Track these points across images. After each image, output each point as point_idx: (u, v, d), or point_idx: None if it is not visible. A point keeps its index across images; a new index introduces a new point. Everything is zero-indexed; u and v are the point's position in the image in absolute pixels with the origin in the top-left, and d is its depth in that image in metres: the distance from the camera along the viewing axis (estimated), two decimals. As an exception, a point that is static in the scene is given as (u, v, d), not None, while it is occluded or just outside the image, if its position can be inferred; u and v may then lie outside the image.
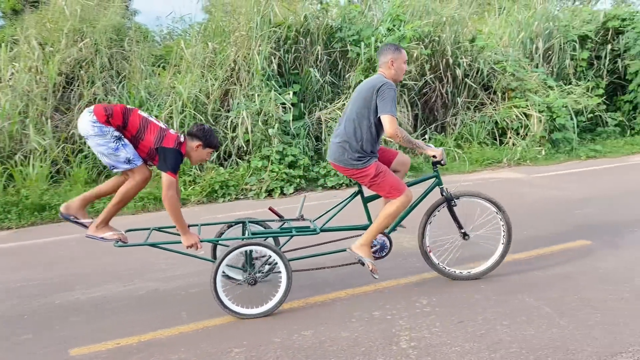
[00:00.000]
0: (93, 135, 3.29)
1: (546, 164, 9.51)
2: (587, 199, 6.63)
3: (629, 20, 11.24)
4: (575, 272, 4.06)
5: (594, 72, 11.61)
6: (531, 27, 11.34)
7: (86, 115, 3.31)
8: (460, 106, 10.24)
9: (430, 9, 10.32)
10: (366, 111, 3.54)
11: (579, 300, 3.53)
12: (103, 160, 3.41)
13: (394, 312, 3.44)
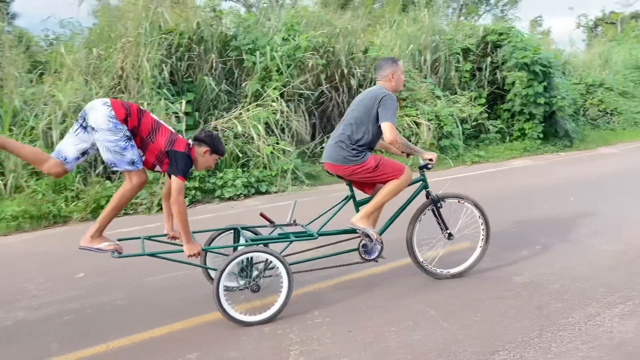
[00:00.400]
0: (105, 130, 3.16)
1: (436, 169, 10.00)
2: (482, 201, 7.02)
3: (505, 35, 12.22)
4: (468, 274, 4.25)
5: (477, 82, 12.47)
6: (419, 39, 11.94)
7: (103, 108, 3.18)
8: (355, 115, 10.49)
9: (324, 20, 10.52)
10: (365, 119, 3.69)
11: (461, 302, 3.68)
12: (105, 155, 3.23)
13: (285, 327, 3.37)
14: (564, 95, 12.32)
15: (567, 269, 4.24)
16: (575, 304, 3.55)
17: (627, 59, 18.33)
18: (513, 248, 4.88)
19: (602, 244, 4.87)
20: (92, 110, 3.22)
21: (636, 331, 3.11)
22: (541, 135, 11.88)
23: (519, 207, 6.62)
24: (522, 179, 8.84)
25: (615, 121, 15.26)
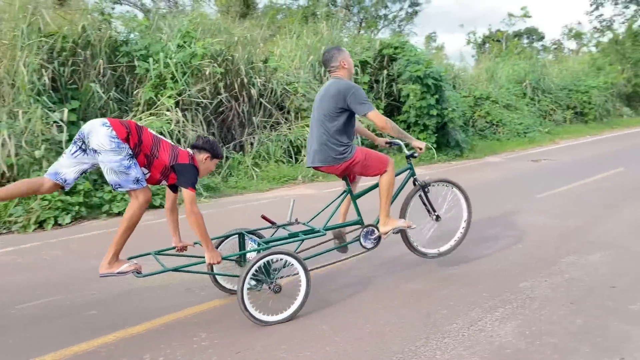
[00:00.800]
0: (109, 150, 3.13)
1: (336, 179, 10.10)
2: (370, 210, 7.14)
3: (400, 49, 12.70)
4: (349, 284, 4.25)
5: (375, 94, 12.83)
6: (319, 51, 12.07)
7: (103, 129, 3.15)
8: (256, 125, 10.36)
9: (222, 27, 10.29)
10: (334, 112, 3.78)
11: (353, 314, 3.66)
12: (110, 177, 3.19)
13: (167, 352, 3.14)
14: (454, 108, 13.04)
15: (455, 275, 4.39)
16: (460, 309, 3.65)
17: (510, 74, 19.85)
18: (403, 255, 4.98)
19: (486, 249, 5.12)
20: (92, 132, 3.16)
21: (514, 334, 3.25)
22: (434, 145, 12.46)
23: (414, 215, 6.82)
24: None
25: (501, 132, 16.42)
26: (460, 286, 4.12)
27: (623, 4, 35.48)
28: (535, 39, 46.60)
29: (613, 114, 23.22)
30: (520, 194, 8.07)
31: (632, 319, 3.38)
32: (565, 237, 5.46)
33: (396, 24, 36.84)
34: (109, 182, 3.22)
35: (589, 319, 3.42)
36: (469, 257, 4.85)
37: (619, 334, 3.18)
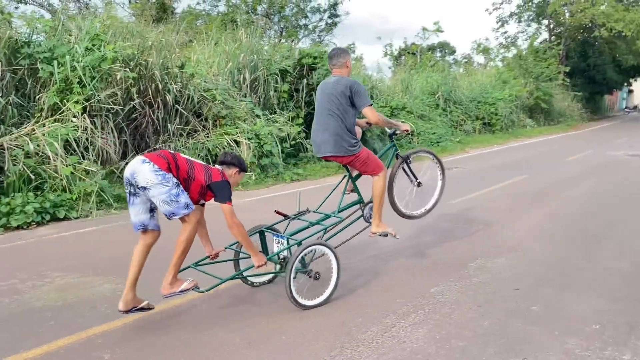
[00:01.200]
0: (157, 184, 3.31)
1: (256, 188, 10.00)
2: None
3: (319, 59, 12.84)
4: (264, 296, 4.17)
5: (294, 103, 12.86)
6: (238, 58, 11.92)
7: (145, 166, 3.32)
8: (172, 132, 10.01)
9: (135, 31, 9.88)
10: (348, 107, 4.13)
11: (269, 325, 3.58)
12: (163, 208, 3.38)
13: (65, 378, 2.90)
14: (372, 117, 13.40)
15: (369, 283, 4.44)
16: (375, 317, 3.69)
17: (424, 86, 20.69)
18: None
19: (403, 256, 5.24)
20: (136, 172, 3.34)
21: (425, 339, 3.32)
22: (354, 153, 12.71)
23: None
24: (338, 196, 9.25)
25: (416, 141, 17.05)
26: (375, 293, 4.18)
27: (525, 22, 38.29)
28: (447, 52, 49.12)
29: (517, 125, 24.83)
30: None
31: (534, 320, 3.57)
32: (474, 242, 5.71)
33: (316, 34, 37.33)
34: (164, 213, 3.41)
35: (495, 321, 3.57)
36: (383, 264, 4.94)
37: (522, 335, 3.34)
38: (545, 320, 3.54)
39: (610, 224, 6.45)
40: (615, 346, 3.11)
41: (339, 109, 4.13)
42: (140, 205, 3.46)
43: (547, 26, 36.66)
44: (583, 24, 30.83)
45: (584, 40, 36.31)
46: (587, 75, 37.42)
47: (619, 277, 4.41)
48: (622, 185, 9.46)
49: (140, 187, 3.35)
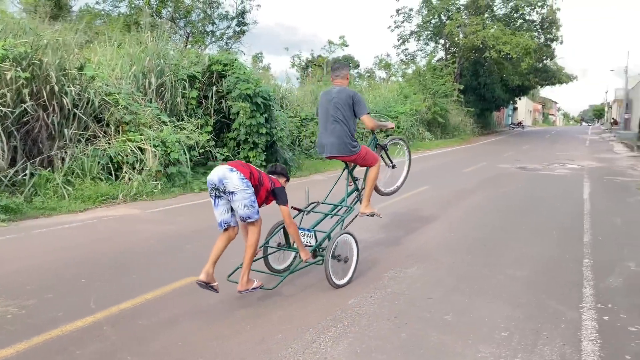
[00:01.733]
0: (242, 190, 3.94)
1: (163, 197, 9.56)
2: (198, 231, 6.86)
3: (230, 66, 12.61)
4: (182, 314, 3.96)
5: (203, 110, 12.51)
6: (143, 62, 11.39)
7: (234, 174, 3.94)
8: (69, 138, 9.30)
9: (27, 28, 9.08)
10: (350, 114, 4.82)
11: (183, 347, 3.39)
12: (243, 212, 3.98)
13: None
14: (282, 127, 13.36)
15: (287, 297, 4.37)
16: (295, 332, 3.63)
17: (332, 98, 21.12)
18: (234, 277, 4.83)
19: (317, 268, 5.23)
20: (225, 179, 3.92)
21: (346, 353, 3.31)
22: (264, 163, 12.58)
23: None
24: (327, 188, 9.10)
25: (325, 151, 17.34)
26: (294, 308, 4.12)
27: (424, 41, 40.51)
28: (352, 66, 50.68)
29: (417, 137, 26.14)
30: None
31: (448, 329, 3.70)
32: (386, 252, 5.85)
33: (224, 42, 36.85)
34: (241, 216, 4.03)
35: (412, 331, 3.66)
36: (299, 277, 4.89)
37: (439, 345, 3.44)
38: (458, 329, 3.68)
39: (506, 232, 6.93)
40: (524, 352, 3.31)
41: (344, 115, 4.79)
42: (223, 206, 4.05)
43: (444, 46, 39.05)
44: (475, 45, 33.18)
45: (475, 61, 39.08)
46: (478, 93, 40.33)
47: (521, 284, 4.73)
48: (512, 196, 10.23)
49: (228, 191, 3.96)
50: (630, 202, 9.58)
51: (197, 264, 5.26)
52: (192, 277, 4.83)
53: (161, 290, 4.48)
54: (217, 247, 4.15)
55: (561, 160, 18.85)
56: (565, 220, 7.80)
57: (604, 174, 14.66)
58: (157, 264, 5.34)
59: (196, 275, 4.83)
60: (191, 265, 5.26)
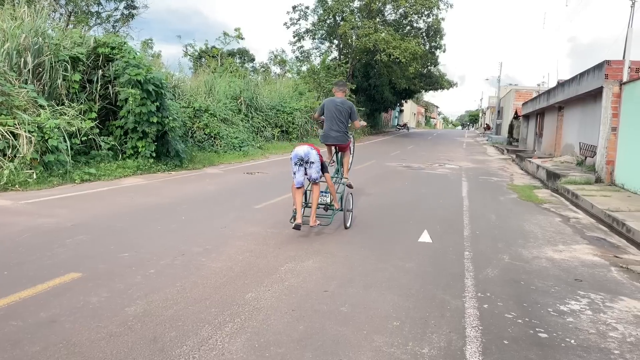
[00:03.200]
0: (316, 162, 6.34)
1: (38, 188, 8.76)
2: (80, 225, 6.36)
3: (118, 50, 11.86)
4: (63, 313, 3.64)
5: (87, 95, 11.65)
6: (18, 39, 10.32)
7: (313, 151, 6.34)
8: None
9: None
10: (346, 118, 7.25)
11: (66, 348, 3.11)
12: (315, 175, 6.40)
13: None
14: (175, 117, 12.84)
15: (181, 292, 4.20)
16: (189, 329, 3.49)
17: (227, 90, 20.74)
18: (129, 275, 4.55)
19: (212, 262, 5.09)
20: (309, 154, 6.32)
21: (244, 349, 3.25)
22: (154, 154, 12.01)
23: (133, 228, 6.36)
24: (137, 198, 8.63)
25: (218, 144, 16.96)
26: (188, 303, 3.96)
27: (319, 40, 41.23)
28: (247, 59, 50.14)
29: (311, 134, 26.58)
30: (240, 205, 8.39)
31: (344, 321, 3.78)
32: (282, 245, 5.86)
33: (110, 24, 34.62)
34: (314, 178, 6.40)
35: (309, 324, 3.68)
36: (196, 271, 4.74)
37: (335, 336, 3.50)
38: (354, 320, 3.78)
39: (395, 226, 7.27)
40: (414, 341, 3.47)
41: (345, 118, 7.26)
42: (301, 172, 6.33)
43: (338, 46, 40.04)
44: (367, 48, 34.41)
45: (367, 63, 40.60)
46: (369, 94, 42.00)
47: (410, 275, 4.97)
48: (400, 193, 10.78)
49: (310, 162, 6.29)
50: (502, 200, 10.52)
51: (81, 259, 4.90)
52: (74, 273, 4.49)
53: (38, 288, 4.09)
54: (299, 199, 6.31)
55: (442, 161, 20.20)
56: (447, 215, 8.36)
57: (479, 174, 15.95)
58: (32, 260, 4.86)
59: (81, 271, 4.52)
60: (73, 260, 4.88)
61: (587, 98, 15.47)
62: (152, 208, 7.82)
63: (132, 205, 7.94)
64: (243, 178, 12.08)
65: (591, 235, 7.37)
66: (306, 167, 6.25)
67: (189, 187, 10.10)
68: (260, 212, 7.88)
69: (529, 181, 14.61)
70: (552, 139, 21.17)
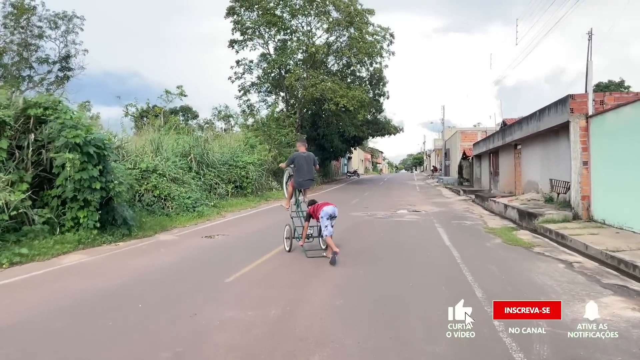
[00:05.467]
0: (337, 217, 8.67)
1: (-45, 280, 7.16)
2: (4, 331, 4.94)
3: (52, 110, 10.50)
4: None
5: (17, 163, 10.15)
6: None
7: (336, 208, 8.62)
8: None
9: None
10: (312, 166, 9.35)
11: None
12: (334, 225, 8.64)
13: None
14: (121, 181, 11.44)
15: None
16: None
17: (175, 147, 19.47)
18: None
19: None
20: (336, 211, 8.48)
21: None
22: (98, 224, 10.53)
23: (77, 328, 5.00)
24: (80, 281, 7.18)
25: (170, 206, 15.53)
26: None
27: (265, 93, 40.85)
28: (190, 116, 49.00)
29: (265, 187, 25.48)
30: (207, 280, 7.13)
31: None
32: (274, 336, 4.67)
33: (44, 87, 32.79)
34: (333, 226, 8.59)
35: None
36: None
37: None
38: None
39: (398, 294, 6.23)
40: None
41: (313, 166, 9.28)
42: (329, 224, 8.33)
43: (284, 97, 39.74)
44: (315, 97, 34.18)
45: (314, 113, 40.42)
46: (318, 143, 41.60)
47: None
48: (381, 247, 9.77)
49: (335, 217, 8.47)
50: (489, 247, 9.74)
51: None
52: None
53: None
54: (332, 242, 8.17)
55: (404, 206, 19.55)
56: (444, 271, 7.43)
57: (448, 218, 15.30)
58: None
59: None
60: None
61: (548, 134, 15.35)
62: (100, 295, 6.42)
63: (74, 293, 6.51)
64: (203, 243, 10.76)
65: (609, 283, 6.61)
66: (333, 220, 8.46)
67: (142, 261, 8.71)
68: (233, 287, 6.65)
69: (501, 222, 14.05)
70: (511, 177, 21.07)
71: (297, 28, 38.00)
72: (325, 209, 8.29)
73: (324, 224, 8.21)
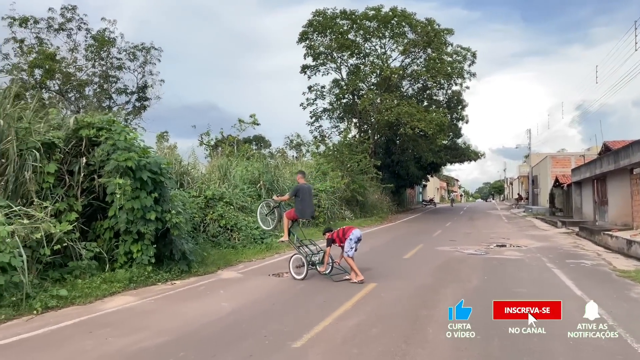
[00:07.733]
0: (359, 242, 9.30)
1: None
2: None
3: (106, 130, 9.39)
4: None
5: (66, 190, 9.08)
6: None
7: (361, 233, 9.32)
8: None
9: None
10: (312, 197, 9.97)
11: None
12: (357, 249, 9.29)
13: None
14: (180, 210, 10.13)
15: None
16: None
17: (244, 174, 18.32)
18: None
19: None
20: (361, 235, 9.15)
21: None
22: (153, 259, 9.23)
23: None
24: (113, 339, 5.71)
25: (236, 237, 14.16)
26: None
27: (336, 120, 39.62)
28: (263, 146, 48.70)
29: (338, 216, 23.78)
30: (271, 342, 5.41)
31: None
32: None
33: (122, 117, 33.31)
34: (356, 250, 9.16)
35: None
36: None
37: None
38: None
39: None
40: None
41: (311, 199, 9.69)
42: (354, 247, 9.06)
43: (357, 124, 38.25)
44: (390, 122, 32.38)
45: (388, 139, 38.56)
46: (392, 170, 39.51)
47: None
48: (491, 294, 7.62)
49: (360, 240, 9.09)
50: (637, 299, 7.40)
51: None
52: None
53: None
54: (354, 263, 8.86)
55: (497, 240, 17.10)
56: (596, 342, 5.28)
57: (559, 256, 12.81)
58: None
59: None
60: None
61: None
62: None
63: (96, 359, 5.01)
64: (269, 284, 9.14)
65: None
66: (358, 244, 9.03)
67: (194, 308, 7.18)
68: (303, 356, 4.89)
69: (629, 262, 11.43)
70: (625, 206, 18.01)
71: (371, 51, 36.69)
72: (354, 232, 9.04)
73: (350, 246, 8.86)
